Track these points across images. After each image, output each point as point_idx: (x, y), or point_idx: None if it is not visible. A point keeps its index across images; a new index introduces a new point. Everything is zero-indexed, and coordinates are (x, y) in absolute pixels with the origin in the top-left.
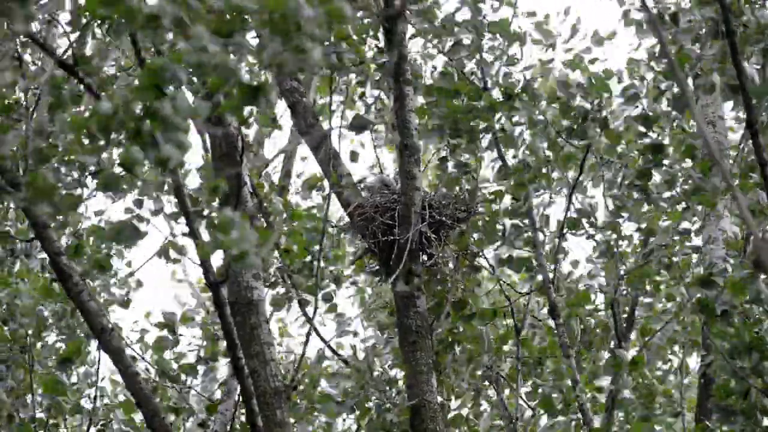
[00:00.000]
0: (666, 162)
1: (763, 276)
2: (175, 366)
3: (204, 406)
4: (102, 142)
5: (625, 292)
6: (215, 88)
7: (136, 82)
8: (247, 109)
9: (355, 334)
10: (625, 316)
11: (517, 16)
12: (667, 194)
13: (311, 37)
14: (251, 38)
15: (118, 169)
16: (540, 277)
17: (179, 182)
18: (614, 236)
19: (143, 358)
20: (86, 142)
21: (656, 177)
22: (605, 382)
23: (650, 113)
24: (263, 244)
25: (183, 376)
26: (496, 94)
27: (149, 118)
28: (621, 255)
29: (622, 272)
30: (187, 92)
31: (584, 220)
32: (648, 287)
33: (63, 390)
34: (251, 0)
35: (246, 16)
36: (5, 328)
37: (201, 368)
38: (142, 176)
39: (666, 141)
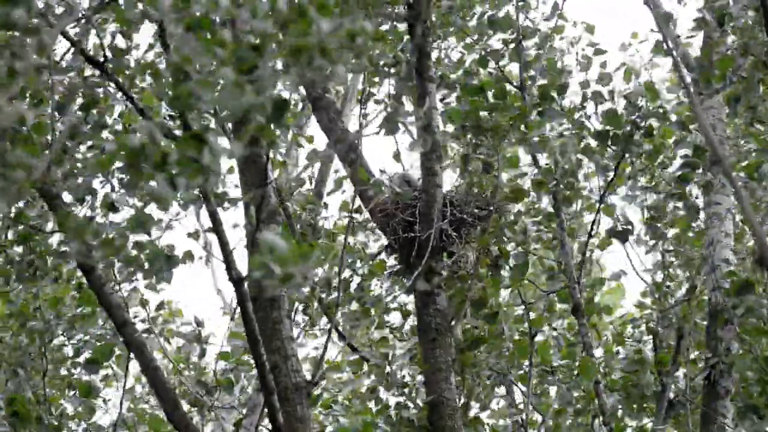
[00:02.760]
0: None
1: None
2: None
3: (232, 422)
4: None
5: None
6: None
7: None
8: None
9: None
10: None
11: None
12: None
13: (334, 60)
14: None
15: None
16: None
17: (213, 208)
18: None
19: (180, 371)
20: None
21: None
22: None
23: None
24: (305, 261)
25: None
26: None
27: (189, 167)
28: (666, 294)
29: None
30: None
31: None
32: (689, 324)
33: (95, 394)
34: (271, 25)
35: (266, 44)
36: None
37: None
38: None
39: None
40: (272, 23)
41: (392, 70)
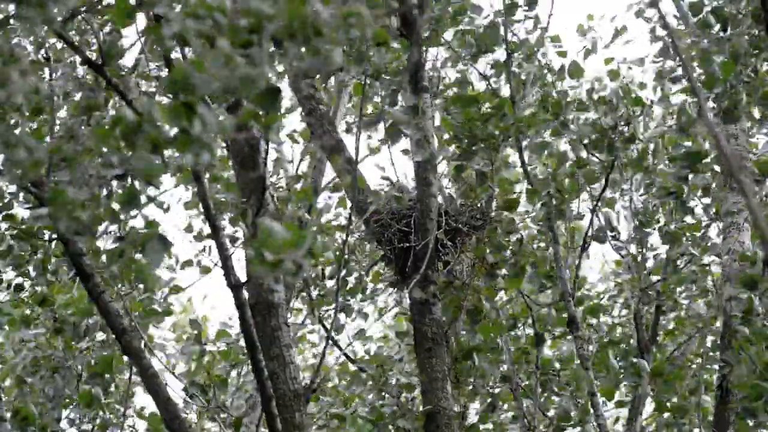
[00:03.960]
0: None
1: None
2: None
3: (231, 422)
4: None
5: (647, 304)
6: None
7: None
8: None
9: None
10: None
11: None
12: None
13: (330, 41)
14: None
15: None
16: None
17: (205, 191)
18: (639, 249)
19: (173, 373)
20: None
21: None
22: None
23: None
24: (297, 247)
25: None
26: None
27: (179, 137)
28: (645, 269)
29: (645, 285)
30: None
31: (608, 233)
32: (670, 301)
33: (98, 404)
34: (268, 5)
35: (263, 23)
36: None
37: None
38: (161, 187)
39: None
40: (268, 3)
41: (389, 79)
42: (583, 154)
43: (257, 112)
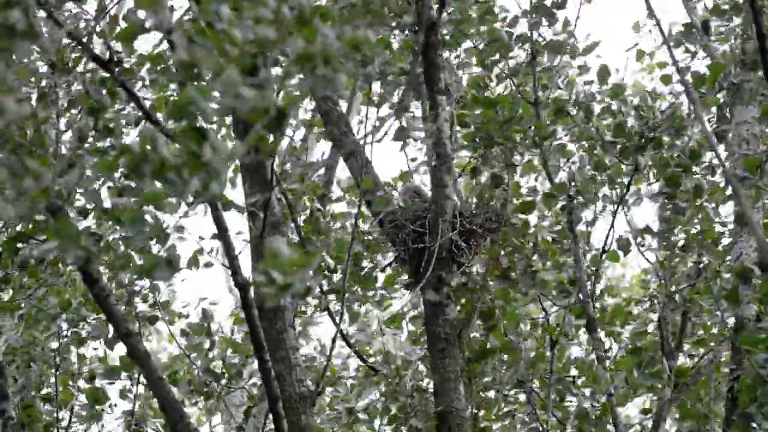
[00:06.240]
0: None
1: None
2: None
3: (242, 411)
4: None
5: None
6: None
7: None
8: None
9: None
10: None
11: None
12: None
13: (337, 69)
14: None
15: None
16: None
17: (221, 216)
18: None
19: (188, 356)
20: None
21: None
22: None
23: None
24: (305, 268)
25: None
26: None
27: (190, 163)
28: (674, 274)
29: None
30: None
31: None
32: (696, 307)
33: (104, 401)
34: (273, 32)
35: (270, 51)
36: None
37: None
38: (168, 212)
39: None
40: (275, 30)
41: (402, 79)
42: (606, 159)
43: (264, 136)
